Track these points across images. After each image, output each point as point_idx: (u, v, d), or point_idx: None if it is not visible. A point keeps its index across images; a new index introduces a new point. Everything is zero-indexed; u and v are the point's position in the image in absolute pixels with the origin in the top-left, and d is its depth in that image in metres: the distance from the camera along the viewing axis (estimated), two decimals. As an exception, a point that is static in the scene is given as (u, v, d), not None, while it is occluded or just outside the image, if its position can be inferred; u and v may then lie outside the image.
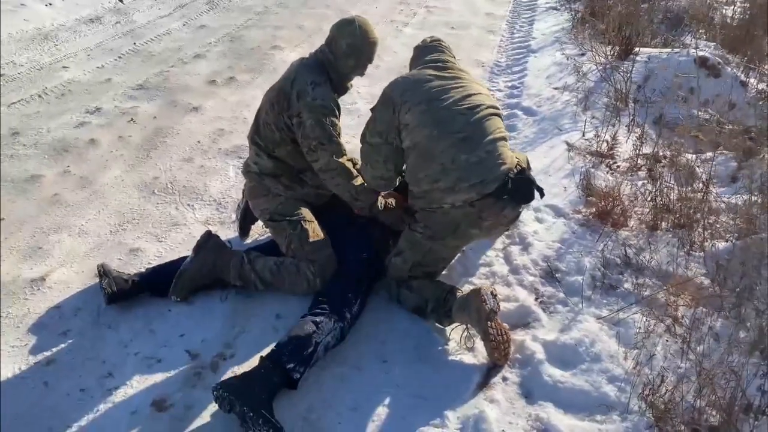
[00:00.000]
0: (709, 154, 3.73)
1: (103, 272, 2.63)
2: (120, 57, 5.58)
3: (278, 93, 2.70)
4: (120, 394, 2.21)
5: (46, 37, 5.83)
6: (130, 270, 2.77)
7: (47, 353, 2.40)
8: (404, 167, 2.66)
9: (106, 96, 4.75)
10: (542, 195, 2.63)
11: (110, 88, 4.90)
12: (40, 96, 4.72)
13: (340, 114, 2.73)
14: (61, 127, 4.22)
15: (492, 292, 2.40)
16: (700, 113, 4.19)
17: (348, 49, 2.68)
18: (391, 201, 2.82)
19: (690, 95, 4.43)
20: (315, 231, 2.68)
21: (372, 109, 2.65)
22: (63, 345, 2.44)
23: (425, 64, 2.66)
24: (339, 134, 2.68)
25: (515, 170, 2.52)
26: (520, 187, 2.50)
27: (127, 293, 2.60)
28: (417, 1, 7.68)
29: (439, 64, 2.65)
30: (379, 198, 2.76)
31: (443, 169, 2.43)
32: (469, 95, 2.55)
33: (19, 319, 2.56)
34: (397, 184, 2.76)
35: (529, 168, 3.12)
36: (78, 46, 5.72)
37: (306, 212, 2.73)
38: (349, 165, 2.69)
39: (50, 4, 6.36)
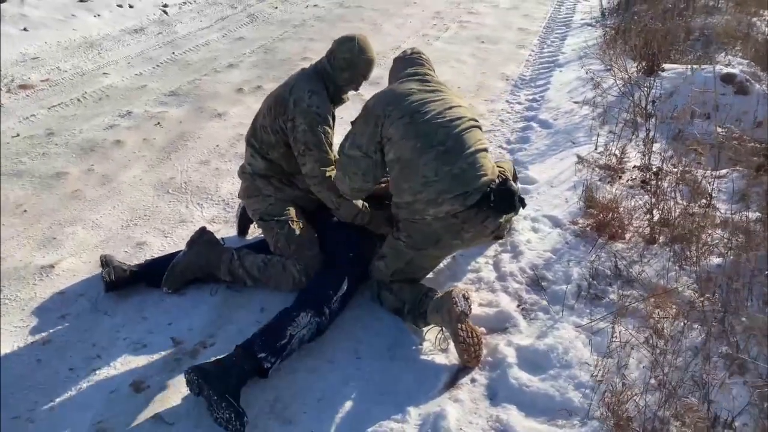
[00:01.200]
0: (723, 171, 3.67)
1: (105, 262, 2.78)
2: (158, 65, 5.86)
3: (276, 98, 2.82)
4: (103, 374, 2.34)
5: (92, 45, 6.18)
6: (133, 262, 2.92)
7: (44, 334, 2.55)
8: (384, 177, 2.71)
9: (139, 101, 5.00)
10: (523, 205, 2.63)
11: (144, 94, 5.15)
12: (79, 100, 5.00)
13: (334, 125, 2.83)
14: (92, 128, 4.47)
15: (464, 295, 2.43)
16: (719, 130, 4.10)
17: (344, 63, 2.80)
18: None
19: (714, 112, 4.35)
20: (302, 231, 2.77)
21: (352, 122, 2.71)
22: (60, 327, 2.59)
23: (407, 77, 2.71)
24: (330, 144, 2.78)
25: (497, 181, 2.54)
26: (502, 198, 2.51)
27: (125, 282, 2.75)
28: (452, 16, 7.77)
29: (419, 77, 2.69)
30: (363, 204, 2.82)
31: (426, 181, 2.46)
32: (450, 107, 2.58)
33: (25, 302, 2.74)
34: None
35: (515, 178, 3.15)
36: (120, 55, 6.04)
37: (294, 213, 2.82)
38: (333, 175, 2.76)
39: (98, 15, 6.73)
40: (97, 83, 5.34)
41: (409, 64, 2.78)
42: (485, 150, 2.59)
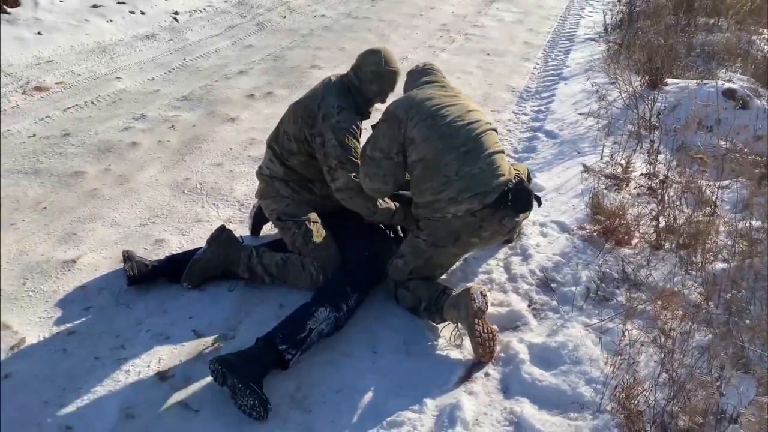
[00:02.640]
0: (726, 182, 3.77)
1: (127, 257, 2.86)
2: (170, 71, 5.96)
3: (305, 109, 2.89)
4: (128, 364, 2.41)
5: (105, 50, 6.28)
6: (153, 258, 2.99)
7: (69, 325, 2.62)
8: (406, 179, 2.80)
9: (152, 105, 5.09)
10: (539, 204, 2.75)
11: (157, 98, 5.24)
12: (93, 102, 5.09)
13: (360, 137, 2.91)
14: (107, 130, 4.55)
15: (482, 292, 2.51)
16: (721, 143, 4.21)
17: (372, 75, 2.89)
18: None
19: (716, 125, 4.46)
20: (319, 231, 2.86)
21: (373, 126, 2.82)
22: (84, 319, 2.66)
23: (424, 84, 2.83)
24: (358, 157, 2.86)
25: (513, 181, 2.64)
26: (519, 197, 2.62)
27: (147, 277, 2.82)
28: (457, 29, 7.90)
29: (437, 83, 2.84)
30: (395, 204, 2.91)
31: (447, 180, 2.57)
32: (468, 111, 2.71)
33: (48, 295, 2.81)
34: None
35: (529, 180, 3.25)
36: (132, 60, 6.14)
37: (311, 214, 2.91)
38: None
39: (111, 21, 6.84)
40: (110, 87, 5.43)
41: (423, 74, 2.91)
42: (502, 152, 2.71)
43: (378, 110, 2.92)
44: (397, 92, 2.97)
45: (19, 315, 2.67)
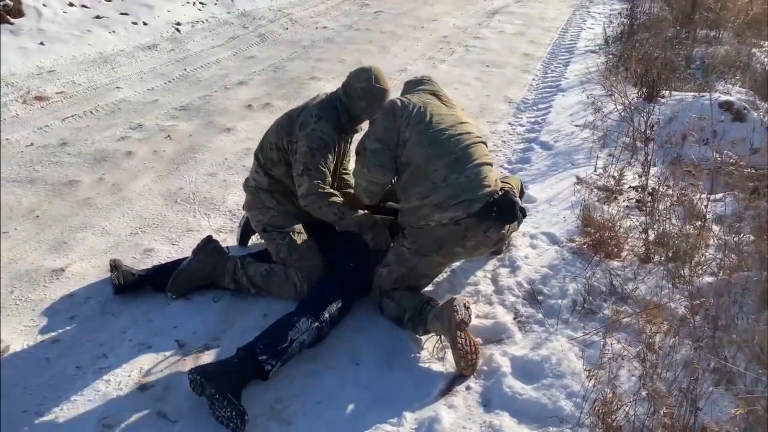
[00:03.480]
0: (719, 195, 3.75)
1: (114, 266, 2.87)
2: (170, 81, 6.01)
3: (287, 118, 2.96)
4: (109, 373, 2.41)
5: (106, 60, 6.34)
6: (140, 267, 3.00)
7: (54, 333, 2.63)
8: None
9: (150, 114, 5.13)
10: (524, 216, 2.74)
11: (156, 108, 5.28)
12: (92, 112, 5.14)
13: (336, 152, 2.92)
14: (104, 139, 4.59)
15: (465, 304, 2.50)
16: (716, 155, 4.20)
17: (361, 92, 2.91)
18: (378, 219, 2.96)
19: (712, 138, 4.45)
20: (303, 241, 2.86)
21: (371, 122, 2.87)
22: (69, 327, 2.67)
23: (421, 90, 2.86)
24: (329, 169, 2.85)
25: (499, 193, 2.64)
26: (503, 208, 2.62)
27: (133, 286, 2.84)
28: (458, 41, 7.93)
29: (435, 92, 2.88)
30: (365, 211, 2.91)
31: (434, 186, 2.59)
32: (460, 123, 2.75)
33: (35, 303, 2.82)
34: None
35: (522, 193, 3.25)
36: (133, 70, 6.19)
37: (296, 225, 2.92)
38: (330, 191, 2.83)
39: (114, 32, 6.90)
40: (110, 96, 5.48)
41: (420, 83, 2.95)
42: (490, 164, 2.72)
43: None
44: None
45: (5, 323, 2.68)
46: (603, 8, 10.32)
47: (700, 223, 3.26)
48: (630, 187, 3.62)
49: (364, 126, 3.03)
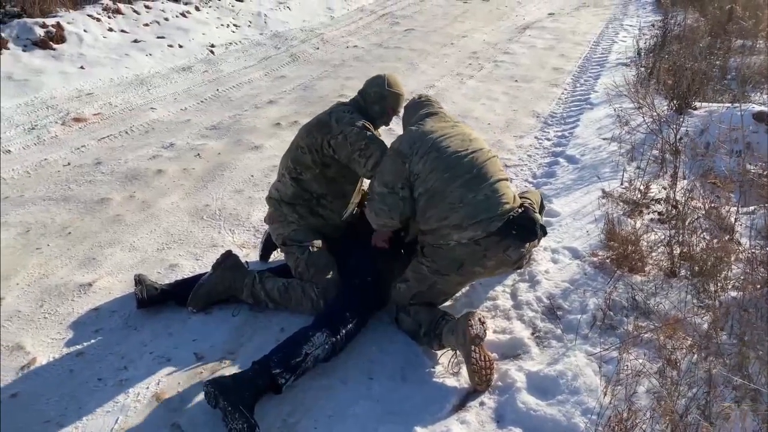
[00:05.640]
0: (751, 208, 3.65)
1: (138, 280, 2.95)
2: (202, 101, 6.16)
3: (317, 122, 3.02)
4: (129, 385, 2.47)
5: (142, 82, 6.54)
6: (165, 282, 3.07)
7: (79, 346, 2.71)
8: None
9: (182, 134, 5.26)
10: (545, 234, 2.70)
11: (187, 128, 5.42)
12: (126, 132, 5.30)
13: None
14: (137, 158, 4.73)
15: (480, 319, 2.48)
16: (749, 167, 4.08)
17: (375, 96, 3.02)
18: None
19: (745, 149, 4.33)
20: (321, 256, 2.89)
21: (404, 124, 2.94)
22: (93, 341, 2.75)
23: (423, 118, 2.86)
24: None
25: (518, 210, 2.62)
26: (523, 226, 2.59)
27: (156, 300, 2.91)
28: (487, 56, 7.93)
29: (434, 115, 2.87)
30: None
31: (452, 207, 2.58)
32: (470, 140, 2.73)
33: (63, 317, 2.91)
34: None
35: (542, 208, 3.21)
36: (167, 91, 6.38)
37: (316, 240, 2.95)
38: None
39: (150, 54, 7.13)
40: (144, 117, 5.65)
41: (420, 107, 2.96)
42: (507, 179, 2.69)
43: (389, 132, 2.95)
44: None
45: (33, 336, 2.78)
46: (636, 21, 10.19)
47: (728, 236, 3.18)
48: (653, 200, 3.54)
49: (382, 130, 3.08)
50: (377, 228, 2.85)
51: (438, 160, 2.63)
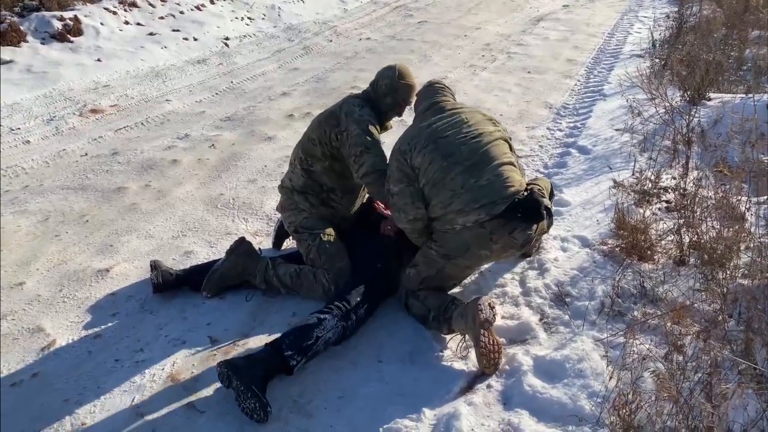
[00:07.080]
0: (762, 198, 3.64)
1: (154, 266, 3.02)
2: (217, 93, 6.23)
3: (328, 114, 3.05)
4: (145, 366, 2.54)
5: (158, 74, 6.62)
6: (179, 268, 3.14)
7: (96, 329, 2.79)
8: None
9: (197, 125, 5.33)
10: (550, 216, 2.73)
11: (202, 119, 5.49)
12: (142, 123, 5.38)
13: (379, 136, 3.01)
14: (152, 149, 4.81)
15: (490, 304, 2.52)
16: (762, 157, 4.07)
17: (386, 88, 3.03)
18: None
19: (758, 140, 4.31)
20: (332, 243, 2.94)
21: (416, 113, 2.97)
22: (110, 324, 2.82)
23: (424, 111, 2.89)
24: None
25: (524, 193, 2.65)
26: (528, 208, 2.62)
27: (171, 285, 2.97)
28: (500, 48, 7.92)
29: (434, 108, 2.87)
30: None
31: (454, 194, 2.61)
32: (470, 124, 2.75)
33: (81, 301, 2.99)
34: None
35: (552, 196, 3.22)
36: (183, 83, 6.46)
37: (328, 228, 3.00)
38: None
39: (165, 47, 7.21)
40: (159, 108, 5.73)
41: (430, 94, 2.95)
42: (511, 163, 2.71)
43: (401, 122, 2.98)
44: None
45: (52, 319, 2.86)
46: (652, 12, 10.11)
47: (738, 225, 3.18)
48: (662, 188, 3.55)
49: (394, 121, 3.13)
50: (410, 227, 2.80)
51: (436, 151, 2.67)
